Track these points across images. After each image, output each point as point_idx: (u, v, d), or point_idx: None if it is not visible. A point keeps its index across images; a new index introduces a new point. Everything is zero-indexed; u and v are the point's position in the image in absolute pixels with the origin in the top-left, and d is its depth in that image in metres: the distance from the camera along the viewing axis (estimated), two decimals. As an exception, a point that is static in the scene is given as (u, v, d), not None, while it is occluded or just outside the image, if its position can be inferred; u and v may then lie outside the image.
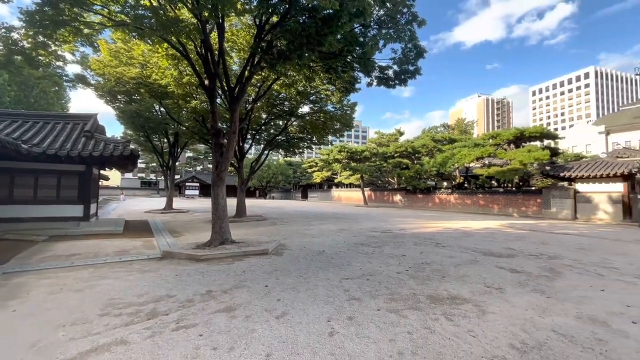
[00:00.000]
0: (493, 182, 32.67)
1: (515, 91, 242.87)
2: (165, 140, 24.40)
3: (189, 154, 72.46)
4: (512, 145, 27.27)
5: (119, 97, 18.57)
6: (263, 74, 13.08)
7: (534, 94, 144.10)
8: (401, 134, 42.09)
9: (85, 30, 7.81)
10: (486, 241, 10.12)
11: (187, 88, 14.83)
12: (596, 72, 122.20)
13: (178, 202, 37.36)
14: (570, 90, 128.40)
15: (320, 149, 46.91)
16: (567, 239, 11.07)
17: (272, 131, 20.81)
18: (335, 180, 47.63)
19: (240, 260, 6.97)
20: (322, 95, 16.16)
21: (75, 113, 13.82)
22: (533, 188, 25.78)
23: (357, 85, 13.20)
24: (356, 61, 9.87)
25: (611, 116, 79.49)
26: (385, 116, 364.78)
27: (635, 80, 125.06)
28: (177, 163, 25.77)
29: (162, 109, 19.69)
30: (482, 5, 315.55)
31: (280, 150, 24.52)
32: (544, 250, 8.64)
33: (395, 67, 9.02)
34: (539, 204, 22.91)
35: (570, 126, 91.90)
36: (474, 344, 3.19)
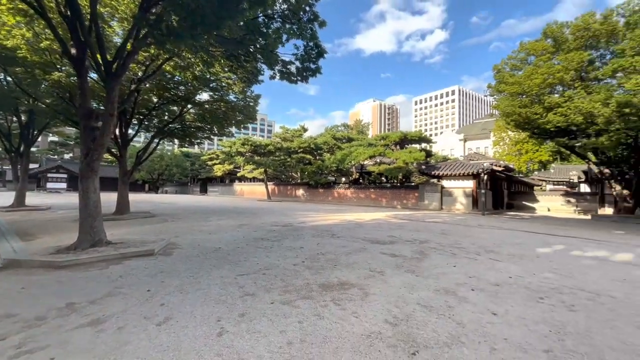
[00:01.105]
0: (383, 178, 36.86)
1: (402, 99, 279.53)
2: (15, 118, 19.10)
3: (53, 137, 58.82)
4: (397, 146, 31.31)
5: None
6: (152, 51, 11.51)
7: (416, 103, 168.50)
8: (305, 130, 43.44)
9: None
10: (374, 230, 11.35)
11: (46, 55, 11.90)
12: (460, 91, 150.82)
13: (36, 198, 30.01)
14: (441, 103, 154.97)
15: (222, 140, 44.49)
16: (434, 226, 13.35)
17: (165, 117, 18.62)
18: (238, 174, 45.99)
19: (118, 264, 6.02)
20: (224, 84, 15.25)
21: None
22: (413, 184, 30.16)
23: (260, 77, 12.95)
24: (259, 52, 9.63)
25: (468, 127, 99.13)
26: (291, 112, 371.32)
27: (485, 100, 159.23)
28: (33, 149, 20.53)
29: (9, 78, 15.31)
30: (379, 19, 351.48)
31: (176, 139, 22.21)
32: (417, 236, 10.19)
33: (297, 63, 9.17)
34: (417, 197, 27.00)
35: (441, 133, 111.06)
36: (356, 324, 3.50)
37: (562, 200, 29.27)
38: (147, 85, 14.58)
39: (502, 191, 29.74)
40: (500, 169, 24.03)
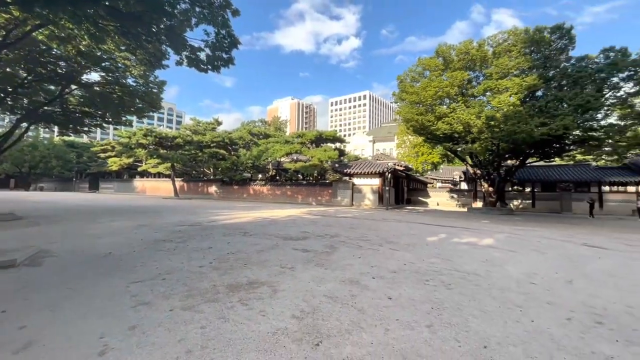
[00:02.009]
0: (299, 175, 37.56)
1: (319, 99, 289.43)
2: None
3: None
4: (313, 145, 32.26)
5: None
6: (16, 13, 9.21)
7: (332, 104, 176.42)
8: (219, 123, 41.10)
9: None
10: (288, 227, 11.46)
11: None
12: (370, 96, 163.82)
13: None
14: (355, 106, 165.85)
15: (119, 129, 38.86)
16: (345, 221, 14.21)
17: (39, 98, 15.22)
18: (139, 169, 40.81)
19: (-44, 282, 4.66)
20: (119, 64, 13.28)
21: None
22: (327, 181, 31.52)
23: (165, 62, 11.71)
24: (164, 33, 8.66)
25: (376, 129, 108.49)
26: (204, 103, 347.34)
27: (391, 106, 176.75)
28: None
29: None
30: (299, 18, 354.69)
31: (55, 126, 18.41)
32: (328, 231, 10.68)
33: (208, 50, 8.57)
34: (330, 194, 28.34)
35: (354, 134, 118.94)
36: (262, 323, 3.45)
37: (447, 196, 34.58)
38: (11, 56, 11.66)
39: (403, 188, 33.53)
40: (401, 168, 27.02)
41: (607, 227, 15.20)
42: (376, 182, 26.14)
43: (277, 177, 36.66)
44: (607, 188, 26.69)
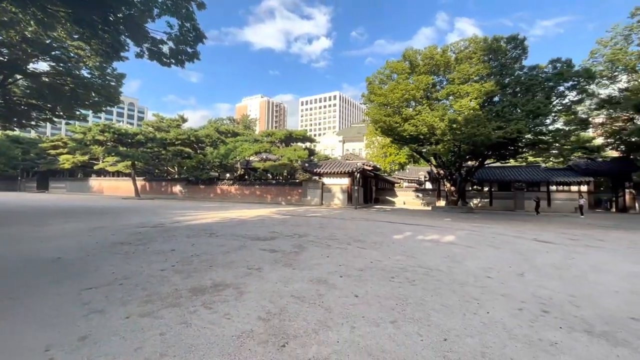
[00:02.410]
0: (269, 174, 37.09)
1: (290, 99, 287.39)
2: None
3: None
4: (283, 144, 32.01)
5: None
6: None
7: (302, 103, 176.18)
8: (185, 120, 39.50)
9: None
10: (256, 227, 11.27)
11: None
12: (340, 96, 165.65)
13: None
14: (325, 106, 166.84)
15: (72, 124, 36.11)
16: (315, 220, 14.24)
17: (-26, 87, 13.69)
18: (96, 167, 38.15)
19: None
20: (72, 54, 12.29)
21: None
22: (297, 181, 31.43)
23: (125, 54, 11.02)
24: (122, 23, 8.14)
25: (346, 130, 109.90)
26: (168, 98, 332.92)
27: (360, 107, 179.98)
28: None
29: None
30: (269, 15, 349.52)
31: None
32: (297, 230, 10.64)
33: (171, 44, 8.17)
34: (300, 194, 28.28)
35: (324, 133, 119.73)
36: (227, 326, 3.35)
37: (413, 195, 35.87)
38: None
39: (371, 188, 34.28)
40: (370, 168, 27.60)
41: (554, 224, 16.56)
42: (345, 181, 26.50)
43: (246, 177, 35.94)
44: (554, 187, 29.09)
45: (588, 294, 4.81)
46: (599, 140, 31.56)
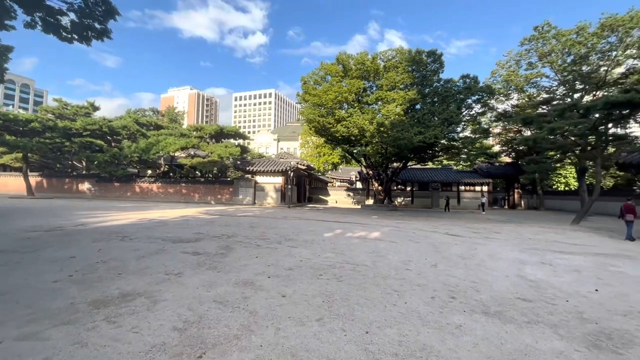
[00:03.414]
0: (197, 172, 34.75)
1: (223, 93, 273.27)
2: None
3: None
4: (213, 140, 30.31)
5: None
6: None
7: (236, 99, 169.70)
8: (96, 108, 34.52)
9: None
10: (179, 228, 10.38)
11: None
12: (276, 94, 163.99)
13: None
14: (260, 103, 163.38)
15: None
16: (245, 220, 13.75)
17: None
18: (-29, 159, 30.96)
19: None
20: None
21: None
22: (229, 179, 30.08)
23: (11, 23, 9.13)
24: (6, -17, 6.68)
25: (281, 128, 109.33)
26: (76, 82, 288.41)
27: (296, 106, 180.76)
28: None
29: None
30: (201, 2, 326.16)
31: None
32: (225, 231, 10.12)
33: (73, 16, 6.98)
34: (231, 192, 27.11)
35: (258, 131, 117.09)
36: (134, 341, 2.95)
37: (345, 194, 37.35)
38: None
39: (305, 187, 34.65)
40: (304, 167, 27.84)
41: (462, 219, 18.88)
42: (279, 180, 26.26)
43: (171, 174, 33.06)
44: (463, 187, 33.26)
45: (485, 279, 5.53)
46: (497, 148, 37.08)
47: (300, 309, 3.87)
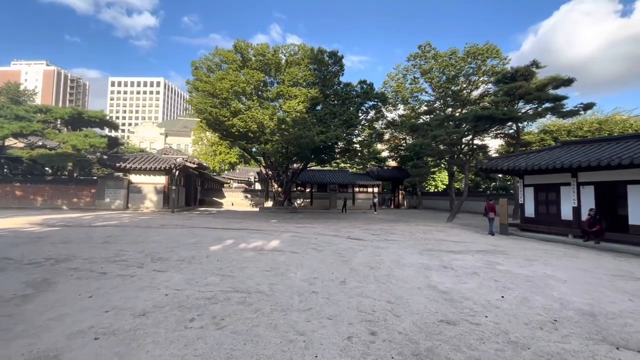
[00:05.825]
0: (46, 168, 26.71)
1: (96, 75, 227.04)
2: None
3: None
4: (69, 127, 23.57)
5: None
6: None
7: (113, 84, 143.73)
8: None
9: None
10: (-29, 252, 6.70)
11: None
12: (165, 84, 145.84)
13: None
14: (145, 92, 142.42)
15: None
16: (102, 231, 10.34)
17: None
18: None
19: None
20: None
21: None
22: (94, 177, 23.93)
23: None
24: None
25: (171, 122, 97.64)
26: None
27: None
28: None
29: None
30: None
31: None
32: (58, 251, 6.99)
33: None
34: (94, 195, 21.45)
35: (142, 123, 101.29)
36: None
37: (242, 196, 34.76)
38: None
39: (196, 188, 30.65)
40: (193, 166, 24.28)
41: (359, 220, 19.24)
42: (161, 180, 22.07)
43: (5, 169, 24.31)
44: (357, 189, 35.08)
45: (400, 296, 4.72)
46: (386, 153, 40.73)
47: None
